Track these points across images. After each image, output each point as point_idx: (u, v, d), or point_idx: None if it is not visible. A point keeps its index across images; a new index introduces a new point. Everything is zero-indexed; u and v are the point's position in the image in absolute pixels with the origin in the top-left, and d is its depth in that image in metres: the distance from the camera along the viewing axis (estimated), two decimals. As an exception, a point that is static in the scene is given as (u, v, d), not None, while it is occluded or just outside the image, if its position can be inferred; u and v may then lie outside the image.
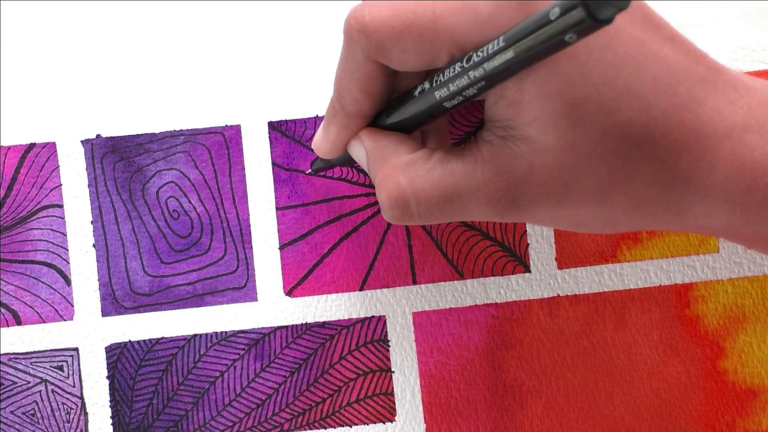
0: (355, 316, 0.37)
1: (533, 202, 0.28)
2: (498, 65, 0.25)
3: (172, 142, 0.37)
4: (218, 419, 0.37)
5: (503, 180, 0.28)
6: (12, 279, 0.37)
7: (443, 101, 0.28)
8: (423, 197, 0.29)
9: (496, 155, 0.28)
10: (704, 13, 0.37)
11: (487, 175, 0.28)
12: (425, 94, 0.29)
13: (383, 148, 0.30)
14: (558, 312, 0.37)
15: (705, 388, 0.37)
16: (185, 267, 0.37)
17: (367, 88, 0.30)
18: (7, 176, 0.37)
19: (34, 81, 0.37)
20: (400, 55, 0.28)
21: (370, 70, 0.29)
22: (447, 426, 0.37)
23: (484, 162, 0.28)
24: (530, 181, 0.28)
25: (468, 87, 0.27)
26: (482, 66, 0.26)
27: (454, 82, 0.27)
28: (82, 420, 0.37)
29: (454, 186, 0.28)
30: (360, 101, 0.30)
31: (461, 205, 0.29)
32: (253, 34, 0.37)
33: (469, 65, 0.26)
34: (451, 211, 0.29)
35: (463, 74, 0.27)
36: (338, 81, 0.30)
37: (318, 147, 0.33)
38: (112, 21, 0.37)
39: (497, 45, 0.25)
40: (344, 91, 0.30)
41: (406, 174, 0.29)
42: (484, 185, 0.28)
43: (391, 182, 0.29)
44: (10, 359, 0.37)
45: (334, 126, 0.31)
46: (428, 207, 0.29)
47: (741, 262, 0.37)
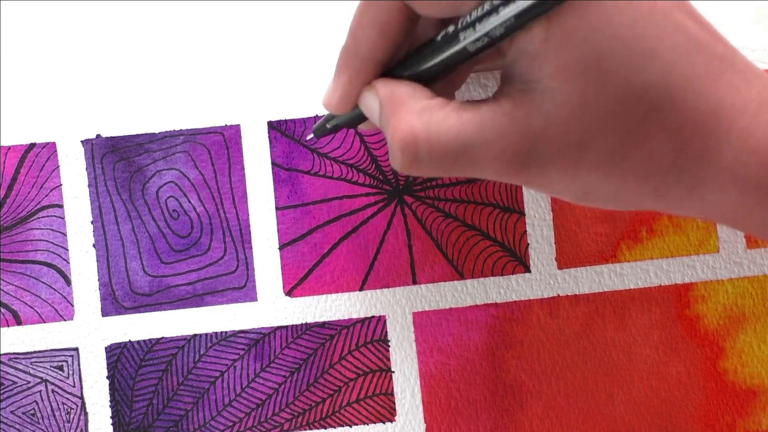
0: (355, 316, 0.37)
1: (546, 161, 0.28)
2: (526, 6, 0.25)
3: (171, 142, 0.37)
4: (218, 419, 0.37)
5: (519, 133, 0.27)
6: (12, 279, 0.37)
7: (468, 44, 0.27)
8: (435, 143, 0.28)
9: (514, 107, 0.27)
10: (704, 13, 0.37)
11: (504, 127, 0.28)
12: (449, 37, 0.28)
13: (400, 95, 0.29)
14: (558, 312, 0.37)
15: (705, 388, 0.36)
16: (185, 267, 0.37)
17: (387, 30, 0.29)
18: (7, 176, 0.37)
19: (34, 81, 0.37)
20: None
21: (392, 10, 0.29)
22: (447, 426, 0.37)
23: (502, 113, 0.28)
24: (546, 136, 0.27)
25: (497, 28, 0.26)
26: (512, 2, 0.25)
27: (482, 21, 0.27)
28: (82, 420, 0.37)
29: (468, 135, 0.28)
30: (377, 44, 0.29)
31: (473, 157, 0.28)
32: (253, 34, 0.37)
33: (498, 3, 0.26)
34: (462, 163, 0.28)
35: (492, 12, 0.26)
36: (356, 21, 0.30)
37: (328, 99, 0.31)
38: (112, 21, 0.37)
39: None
40: (361, 31, 0.29)
41: (420, 118, 0.28)
42: (499, 138, 0.28)
43: (405, 124, 0.28)
44: (10, 359, 0.37)
45: (345, 73, 0.30)
46: (440, 154, 0.28)
47: (741, 262, 0.37)
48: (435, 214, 0.37)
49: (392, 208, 0.37)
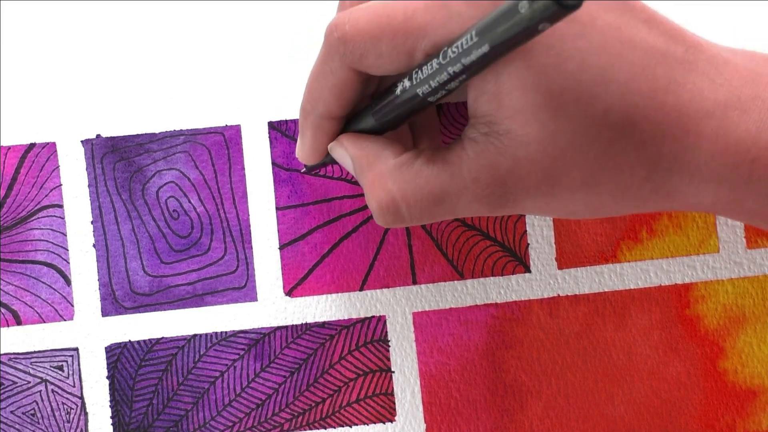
0: (355, 316, 0.37)
1: (521, 195, 0.28)
2: (474, 59, 0.26)
3: (172, 142, 0.37)
4: (218, 419, 0.37)
5: (489, 176, 0.28)
6: (12, 279, 0.37)
7: (426, 97, 0.28)
8: (413, 201, 0.29)
9: (480, 152, 0.28)
10: (704, 13, 0.37)
11: (474, 174, 0.28)
12: (406, 91, 0.29)
13: (369, 154, 0.30)
14: (558, 312, 0.37)
15: (705, 388, 0.37)
16: (185, 267, 0.37)
17: (341, 93, 0.30)
18: (7, 176, 0.37)
19: (34, 81, 0.37)
20: (377, 60, 0.28)
21: (345, 77, 0.30)
22: (447, 426, 0.37)
23: (469, 160, 0.28)
24: (516, 175, 0.28)
25: (448, 82, 0.27)
26: (460, 61, 0.26)
27: (434, 78, 0.27)
28: (82, 420, 0.37)
29: (441, 188, 0.29)
30: (332, 105, 0.30)
31: (451, 205, 0.29)
32: (254, 34, 0.37)
33: (446, 61, 0.26)
34: (442, 211, 0.29)
35: (442, 70, 0.27)
36: (311, 84, 0.31)
37: (300, 154, 0.33)
38: (112, 21, 0.37)
39: (471, 39, 0.25)
40: (316, 94, 0.30)
41: (393, 180, 0.29)
42: (471, 183, 0.28)
43: (380, 189, 0.29)
44: (10, 359, 0.37)
45: (308, 130, 0.32)
46: (419, 210, 0.29)
47: (741, 262, 0.37)
48: (435, 214, 0.37)
49: (392, 208, 0.37)
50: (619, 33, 0.27)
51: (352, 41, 0.28)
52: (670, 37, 0.28)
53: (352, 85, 0.30)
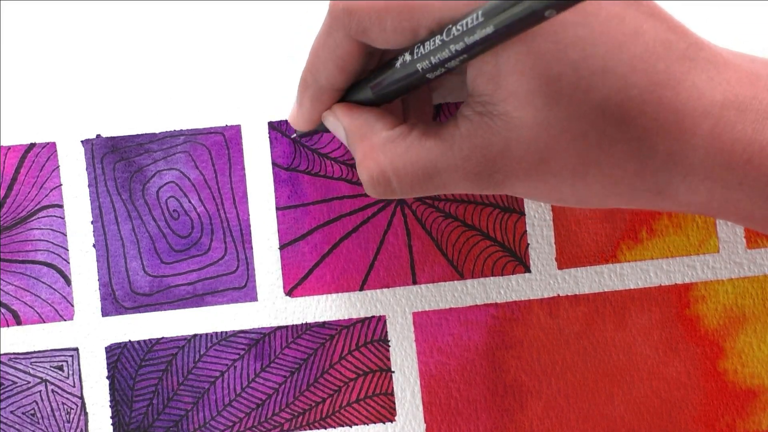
0: (355, 316, 0.37)
1: (510, 177, 0.28)
2: (477, 39, 0.26)
3: (172, 142, 0.37)
4: (218, 419, 0.37)
5: (481, 155, 0.28)
6: (12, 279, 0.37)
7: (425, 73, 0.28)
8: (403, 174, 0.29)
9: (473, 131, 0.28)
10: (704, 13, 0.37)
11: (465, 152, 0.28)
12: (406, 65, 0.29)
13: (362, 125, 0.30)
14: (558, 312, 0.37)
15: (705, 388, 0.37)
16: (185, 267, 0.37)
17: (344, 65, 0.30)
18: (7, 176, 0.37)
19: (34, 81, 0.37)
20: (381, 33, 0.28)
21: (350, 49, 0.29)
22: (447, 426, 0.37)
23: (461, 138, 0.28)
24: (507, 157, 0.28)
25: (449, 60, 0.27)
26: (462, 40, 0.26)
27: (435, 54, 0.27)
28: (82, 420, 0.37)
29: (432, 163, 0.29)
30: (335, 76, 0.30)
31: (441, 181, 0.29)
32: (254, 34, 0.37)
33: (449, 39, 0.27)
34: (432, 187, 0.29)
35: (444, 47, 0.27)
36: (314, 55, 0.30)
37: (293, 121, 0.33)
38: (112, 21, 0.37)
39: (476, 19, 0.25)
40: (319, 65, 0.30)
41: (385, 152, 0.29)
42: (462, 161, 0.28)
43: (372, 160, 0.30)
44: (10, 359, 0.37)
45: (306, 99, 0.32)
46: (409, 183, 0.29)
47: (741, 262, 0.37)
48: (435, 214, 0.37)
49: (392, 208, 0.37)
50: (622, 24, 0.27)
51: (357, 13, 0.28)
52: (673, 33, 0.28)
53: (356, 57, 0.30)
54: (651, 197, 0.29)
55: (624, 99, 0.27)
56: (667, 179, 0.28)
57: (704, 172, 0.28)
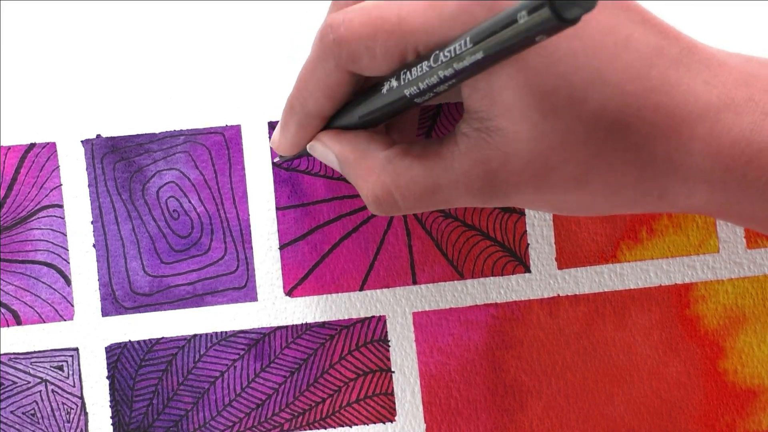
0: (355, 316, 0.37)
1: (512, 190, 0.29)
2: (467, 65, 0.25)
3: (172, 142, 0.37)
4: (218, 419, 0.37)
5: (481, 171, 0.28)
6: (12, 279, 0.37)
7: (413, 98, 0.28)
8: (407, 192, 0.29)
9: (472, 147, 0.28)
10: (704, 13, 0.37)
11: (465, 167, 0.28)
12: (394, 91, 0.29)
13: (354, 150, 0.31)
14: (558, 312, 0.37)
15: (705, 388, 0.37)
16: (185, 267, 0.37)
17: (333, 94, 0.30)
18: (7, 176, 0.37)
19: (34, 81, 0.37)
20: (370, 61, 0.28)
21: (339, 78, 0.30)
22: (447, 426, 0.37)
23: (461, 155, 0.28)
24: (507, 171, 0.28)
25: (437, 85, 0.27)
26: (451, 66, 0.26)
27: (423, 80, 0.27)
28: (82, 420, 0.37)
29: (434, 180, 0.29)
30: (322, 105, 0.31)
31: (444, 197, 0.29)
32: (254, 34, 0.37)
33: (438, 65, 0.26)
34: (435, 202, 0.30)
35: (432, 73, 0.27)
36: (302, 82, 0.31)
37: (276, 146, 0.33)
38: (112, 21, 0.37)
39: (465, 45, 0.25)
40: (307, 93, 0.30)
41: (387, 172, 0.30)
42: (463, 177, 0.29)
43: (374, 181, 0.30)
44: (10, 359, 0.37)
45: (292, 125, 0.32)
46: (413, 200, 0.30)
47: (741, 262, 0.37)
48: (435, 214, 0.37)
49: (392, 208, 0.37)
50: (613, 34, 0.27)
51: (347, 43, 0.28)
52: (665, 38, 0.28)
53: (345, 86, 0.30)
54: (652, 202, 0.29)
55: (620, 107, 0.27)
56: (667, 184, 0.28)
57: (703, 175, 0.28)
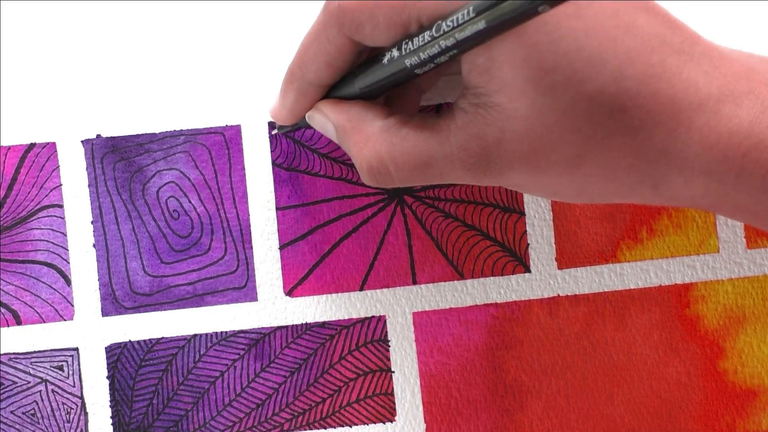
0: (355, 316, 0.37)
1: (506, 168, 0.29)
2: (468, 35, 0.25)
3: (172, 142, 0.37)
4: (218, 419, 0.37)
5: (476, 146, 0.28)
6: (12, 279, 0.37)
7: (413, 68, 0.28)
8: (401, 163, 0.29)
9: (468, 122, 0.28)
10: (704, 13, 0.37)
11: (461, 142, 0.28)
12: (395, 61, 0.29)
13: (351, 118, 0.31)
14: (558, 312, 0.37)
15: (705, 388, 0.37)
16: (185, 267, 0.37)
17: (334, 62, 0.30)
18: (7, 176, 0.37)
19: (34, 81, 0.37)
20: (373, 30, 0.28)
21: (341, 46, 0.30)
22: (447, 426, 0.37)
23: (457, 129, 0.29)
24: (502, 148, 0.28)
25: (438, 55, 0.27)
26: (453, 35, 0.26)
27: (425, 50, 0.27)
28: (82, 420, 0.37)
29: (429, 153, 0.29)
30: (323, 72, 0.31)
31: (438, 170, 0.29)
32: (254, 34, 0.37)
33: (439, 35, 0.26)
34: (429, 176, 0.30)
35: (434, 43, 0.27)
36: (304, 50, 0.31)
37: (275, 114, 0.33)
38: (112, 21, 0.37)
39: (468, 15, 0.25)
40: (309, 60, 0.31)
41: (382, 141, 0.30)
42: (458, 151, 0.29)
43: (370, 150, 0.30)
44: (10, 359, 0.37)
45: (291, 93, 0.32)
46: (407, 172, 0.30)
47: (741, 262, 0.37)
48: (435, 214, 0.37)
49: (392, 208, 0.37)
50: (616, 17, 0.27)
51: (351, 11, 0.29)
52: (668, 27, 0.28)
53: (346, 54, 0.30)
54: (647, 191, 0.29)
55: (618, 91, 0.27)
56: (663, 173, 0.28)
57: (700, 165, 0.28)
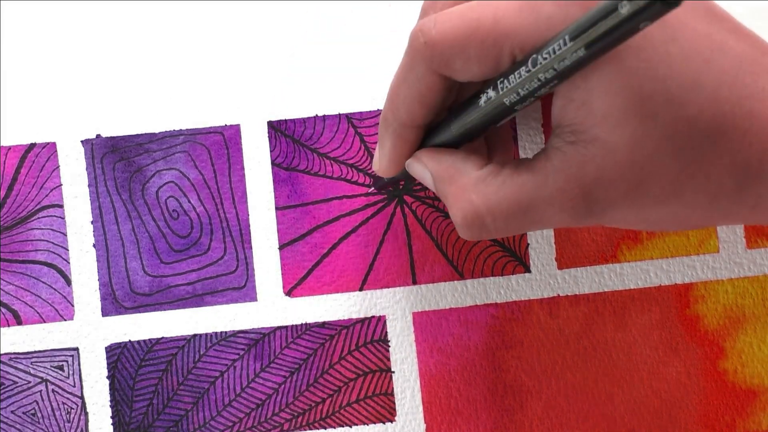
0: (355, 316, 0.37)
1: (608, 205, 0.28)
2: (569, 63, 0.25)
3: (171, 142, 0.37)
4: (218, 419, 0.37)
5: (576, 186, 0.28)
6: (12, 279, 0.37)
7: (513, 105, 0.28)
8: (498, 213, 0.29)
9: (566, 162, 0.28)
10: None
11: (560, 183, 0.28)
12: (491, 101, 0.28)
13: (449, 168, 0.30)
14: (558, 312, 0.37)
15: (705, 388, 0.36)
16: (185, 267, 0.37)
17: (426, 100, 0.29)
18: (7, 176, 0.37)
19: (34, 81, 0.37)
20: (464, 64, 0.28)
21: (431, 83, 0.29)
22: (447, 426, 0.37)
23: (554, 171, 0.28)
24: (603, 184, 0.27)
25: (538, 89, 0.26)
26: (552, 67, 0.25)
27: (523, 86, 0.27)
28: (83, 420, 0.37)
29: (527, 198, 0.28)
30: (415, 112, 0.30)
31: (537, 216, 0.29)
32: (254, 34, 0.37)
33: (537, 68, 0.26)
34: (528, 223, 0.29)
35: (532, 77, 0.26)
36: (394, 92, 0.30)
37: (377, 166, 0.33)
38: (112, 21, 0.37)
39: (564, 44, 0.25)
40: (400, 102, 0.30)
41: (478, 192, 0.29)
42: (558, 194, 0.28)
43: (465, 201, 0.29)
44: (10, 359, 0.37)
45: (388, 139, 0.31)
46: (505, 221, 0.29)
47: (741, 262, 0.37)
48: (435, 214, 0.37)
49: (392, 208, 0.37)
50: (709, 40, 0.27)
51: (439, 45, 0.28)
52: (757, 48, 0.28)
53: (438, 91, 0.29)
54: (746, 211, 0.28)
55: (716, 113, 0.27)
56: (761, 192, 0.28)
57: None
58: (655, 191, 0.28)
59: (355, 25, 0.37)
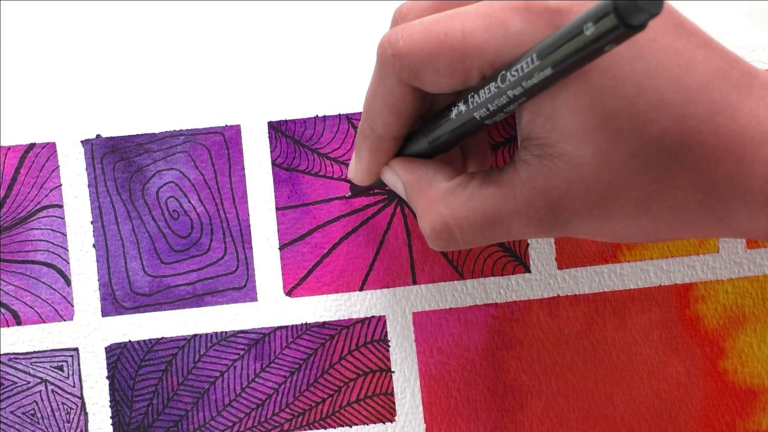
0: (355, 316, 0.37)
1: (575, 218, 0.28)
2: (536, 82, 0.25)
3: (172, 142, 0.37)
4: (218, 419, 0.37)
5: (543, 199, 0.28)
6: (12, 279, 0.37)
7: (483, 120, 0.28)
8: (466, 225, 0.29)
9: (533, 175, 0.28)
10: (704, 13, 0.37)
11: (527, 196, 0.28)
12: (462, 114, 0.28)
13: (420, 179, 0.30)
14: (558, 312, 0.37)
15: (705, 388, 0.37)
16: (185, 267, 0.37)
17: (399, 111, 0.30)
18: (7, 176, 0.37)
19: (34, 81, 0.37)
20: (433, 76, 0.28)
21: (402, 93, 0.29)
22: (447, 426, 0.37)
23: (522, 183, 0.28)
24: (569, 198, 0.28)
25: (507, 105, 0.27)
26: (520, 84, 0.26)
27: (492, 101, 0.27)
28: (82, 420, 0.37)
29: (494, 211, 0.28)
30: (391, 124, 0.30)
31: (504, 228, 0.29)
32: (253, 34, 0.37)
33: (506, 85, 0.26)
34: (495, 235, 0.29)
35: (501, 94, 0.26)
36: (368, 104, 0.30)
37: (353, 175, 0.33)
38: (112, 21, 0.37)
39: (532, 62, 0.25)
40: (374, 114, 0.30)
41: (446, 203, 0.29)
42: (524, 206, 0.28)
43: (433, 213, 0.29)
44: (10, 359, 0.37)
45: (365, 150, 0.31)
46: (472, 233, 0.29)
47: (741, 262, 0.37)
48: (435, 214, 0.37)
49: (392, 208, 0.37)
50: (677, 56, 0.27)
51: (407, 56, 0.28)
52: (726, 62, 0.27)
53: (410, 101, 0.29)
54: (714, 225, 0.28)
55: (682, 130, 0.27)
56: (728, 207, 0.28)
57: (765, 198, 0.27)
58: (622, 206, 0.28)
59: (356, 25, 0.37)
